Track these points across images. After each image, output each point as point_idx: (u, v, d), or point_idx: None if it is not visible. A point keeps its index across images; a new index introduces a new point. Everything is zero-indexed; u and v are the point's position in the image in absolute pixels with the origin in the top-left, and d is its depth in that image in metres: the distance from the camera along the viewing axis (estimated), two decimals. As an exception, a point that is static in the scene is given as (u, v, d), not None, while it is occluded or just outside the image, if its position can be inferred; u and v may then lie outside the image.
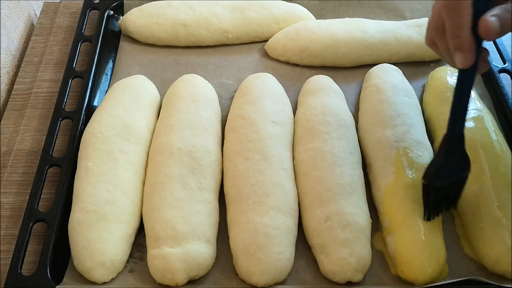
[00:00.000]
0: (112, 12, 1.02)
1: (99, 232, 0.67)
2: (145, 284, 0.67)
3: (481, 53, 0.62)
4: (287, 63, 0.96)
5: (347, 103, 0.87)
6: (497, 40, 0.96)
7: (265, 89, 0.85)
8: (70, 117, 0.83)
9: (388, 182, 0.73)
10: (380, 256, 0.71)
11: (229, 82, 0.93)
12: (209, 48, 0.99)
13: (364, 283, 0.68)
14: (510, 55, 0.94)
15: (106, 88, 0.92)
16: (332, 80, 0.89)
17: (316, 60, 0.94)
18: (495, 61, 0.93)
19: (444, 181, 0.67)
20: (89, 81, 0.88)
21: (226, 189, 0.75)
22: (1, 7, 0.95)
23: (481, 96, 0.87)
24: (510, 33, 1.01)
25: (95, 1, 1.02)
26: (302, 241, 0.71)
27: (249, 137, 0.77)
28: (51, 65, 0.97)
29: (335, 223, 0.69)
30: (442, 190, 0.68)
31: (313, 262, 0.70)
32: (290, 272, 0.68)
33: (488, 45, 0.95)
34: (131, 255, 0.70)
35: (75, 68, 0.91)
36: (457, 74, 0.90)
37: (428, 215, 0.69)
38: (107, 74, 0.94)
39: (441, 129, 0.81)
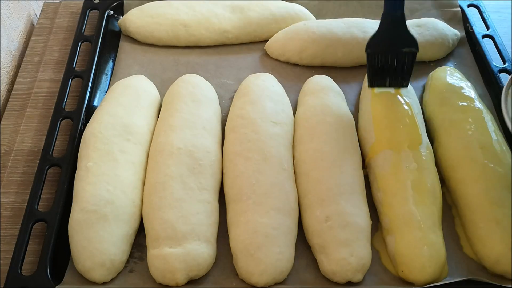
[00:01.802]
0: (112, 12, 1.02)
1: (99, 232, 0.67)
2: (145, 284, 0.67)
3: None
4: (287, 63, 0.96)
5: (347, 103, 0.87)
6: (497, 40, 0.96)
7: (265, 89, 0.85)
8: (70, 117, 0.83)
9: (388, 182, 0.73)
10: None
11: (229, 82, 0.93)
12: (209, 48, 0.99)
13: (364, 283, 0.68)
14: (510, 55, 0.94)
15: (106, 88, 0.92)
16: (332, 80, 0.89)
17: (316, 60, 0.94)
18: (495, 61, 0.93)
19: (379, 50, 0.76)
20: (89, 81, 0.88)
21: (226, 189, 0.75)
22: (1, 7, 0.95)
23: (481, 96, 0.87)
24: (510, 33, 1.02)
25: (95, 1, 1.02)
26: (302, 241, 0.71)
27: (249, 137, 0.77)
28: (51, 65, 0.97)
29: (335, 223, 0.69)
30: (382, 60, 0.76)
31: (313, 262, 0.70)
32: (290, 272, 0.68)
33: (488, 45, 0.96)
34: (131, 255, 0.70)
35: (75, 68, 0.91)
36: (456, 74, 0.91)
37: (370, 81, 0.78)
38: (107, 74, 0.94)
39: (441, 129, 0.81)
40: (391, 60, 0.76)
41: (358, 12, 1.03)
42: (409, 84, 0.88)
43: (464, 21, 1.01)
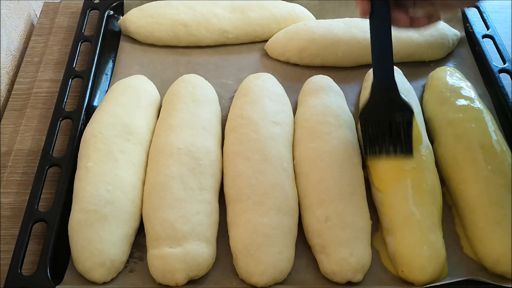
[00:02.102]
0: (112, 12, 1.02)
1: (99, 232, 0.67)
2: (145, 284, 0.67)
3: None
4: (287, 63, 0.96)
5: (347, 103, 0.87)
6: (497, 40, 0.96)
7: (265, 89, 0.85)
8: (70, 117, 0.83)
9: (388, 182, 0.73)
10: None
11: (229, 82, 0.93)
12: (209, 48, 0.99)
13: (364, 283, 0.68)
14: (510, 55, 0.94)
15: (106, 88, 0.92)
16: (332, 80, 0.89)
17: (316, 60, 0.94)
18: (495, 61, 0.93)
19: (371, 119, 0.73)
20: (89, 81, 0.88)
21: (226, 189, 0.75)
22: (1, 7, 0.95)
23: (481, 96, 0.87)
24: (510, 33, 1.02)
25: (95, 1, 1.02)
26: (302, 241, 0.71)
27: (249, 137, 0.77)
28: (51, 65, 0.97)
29: (335, 223, 0.69)
30: (377, 129, 0.72)
31: (313, 262, 0.70)
32: (290, 272, 0.68)
33: (488, 45, 0.96)
34: (131, 255, 0.70)
35: (75, 68, 0.91)
36: (456, 74, 0.91)
37: (367, 150, 0.74)
38: (107, 74, 0.94)
39: (441, 129, 0.81)
40: (387, 128, 0.72)
41: (358, 12, 1.03)
42: (409, 84, 0.88)
43: (464, 21, 1.01)
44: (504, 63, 0.92)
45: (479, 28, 0.99)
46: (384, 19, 0.69)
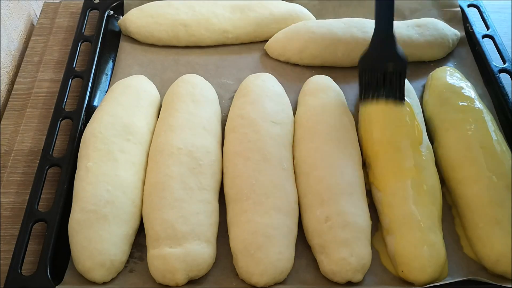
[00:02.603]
0: (112, 12, 1.02)
1: (99, 232, 0.67)
2: (145, 284, 0.67)
3: None
4: (287, 63, 0.96)
5: (347, 103, 0.87)
6: (497, 40, 0.96)
7: (265, 89, 0.85)
8: (70, 117, 0.83)
9: (388, 182, 0.73)
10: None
11: (229, 82, 0.93)
12: (209, 48, 0.99)
13: (364, 283, 0.68)
14: (510, 55, 0.94)
15: (106, 88, 0.92)
16: (332, 80, 0.89)
17: (316, 60, 0.94)
18: (495, 61, 0.93)
19: (369, 66, 0.79)
20: (89, 81, 0.88)
21: (226, 189, 0.75)
22: (1, 7, 0.95)
23: (481, 96, 0.87)
24: (510, 33, 1.02)
25: (95, 1, 1.02)
26: (302, 241, 0.71)
27: (249, 137, 0.77)
28: (51, 65, 0.97)
29: (335, 223, 0.69)
30: (372, 75, 0.79)
31: (313, 262, 0.70)
32: (290, 272, 0.68)
33: (488, 45, 0.96)
34: (131, 255, 0.70)
35: (75, 68, 0.91)
36: (456, 74, 0.91)
37: (361, 94, 0.81)
38: (107, 74, 0.94)
39: (441, 129, 0.81)
40: (381, 76, 0.79)
41: (358, 12, 1.03)
42: (409, 84, 0.88)
43: (464, 21, 1.01)
44: (504, 63, 0.92)
45: (479, 28, 0.99)
46: None
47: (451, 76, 0.88)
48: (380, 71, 0.79)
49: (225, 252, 0.70)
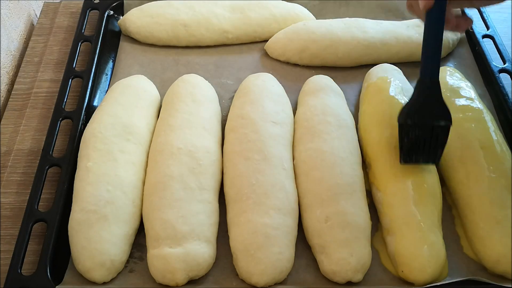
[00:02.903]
0: (112, 12, 1.02)
1: (99, 232, 0.67)
2: (145, 284, 0.67)
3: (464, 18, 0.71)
4: (287, 63, 0.96)
5: (347, 103, 0.87)
6: (497, 40, 0.96)
7: (265, 89, 0.85)
8: (70, 117, 0.83)
9: (388, 182, 0.73)
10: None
11: (229, 82, 0.93)
12: (209, 48, 0.99)
13: (364, 283, 0.68)
14: (510, 55, 0.94)
15: (106, 88, 0.92)
16: (332, 80, 0.89)
17: (316, 60, 0.94)
18: (495, 61, 0.93)
19: (415, 121, 0.69)
20: (89, 81, 0.88)
21: (226, 189, 0.75)
22: (1, 7, 0.95)
23: (481, 96, 0.87)
24: (510, 33, 1.02)
25: (95, 1, 1.02)
26: (302, 241, 0.71)
27: (249, 137, 0.77)
28: (51, 65, 0.97)
29: (335, 223, 0.69)
30: (417, 133, 0.70)
31: (313, 262, 0.70)
32: (290, 272, 0.68)
33: (488, 45, 0.96)
34: (131, 255, 0.70)
35: (75, 68, 0.91)
36: (456, 74, 0.91)
37: (404, 157, 0.71)
38: (107, 74, 0.94)
39: (441, 129, 0.81)
40: (425, 134, 0.70)
41: (358, 12, 1.03)
42: (409, 84, 0.88)
43: (464, 21, 1.01)
44: (504, 63, 0.92)
45: (479, 28, 0.99)
46: (441, 15, 0.67)
47: (451, 76, 0.88)
48: (426, 128, 0.70)
49: (225, 252, 0.70)
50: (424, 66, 0.70)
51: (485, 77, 0.92)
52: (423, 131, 0.70)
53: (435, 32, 0.68)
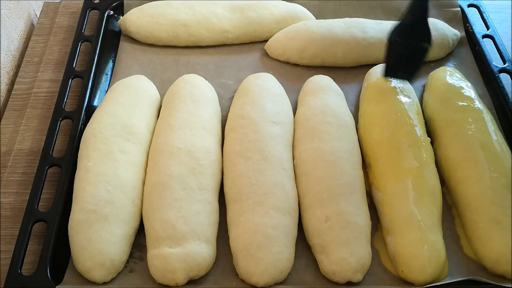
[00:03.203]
0: (112, 12, 1.02)
1: (99, 232, 0.67)
2: (145, 284, 0.67)
3: None
4: (287, 63, 0.96)
5: (347, 103, 0.87)
6: (497, 40, 0.96)
7: (265, 89, 0.85)
8: (70, 117, 0.83)
9: (388, 182, 0.73)
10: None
11: (229, 82, 0.93)
12: (209, 48, 0.99)
13: (364, 283, 0.68)
14: (510, 55, 0.94)
15: (106, 88, 0.92)
16: (332, 80, 0.89)
17: (316, 60, 0.94)
18: (495, 61, 0.93)
19: (403, 40, 0.77)
20: (89, 81, 0.88)
21: (226, 189, 0.75)
22: (1, 7, 0.95)
23: (481, 96, 0.87)
24: (510, 33, 1.02)
25: (95, 1, 1.02)
26: (302, 241, 0.71)
27: (249, 137, 0.77)
28: (51, 65, 0.97)
29: (335, 223, 0.69)
30: (402, 51, 0.77)
31: (313, 262, 0.70)
32: (290, 272, 0.68)
33: (488, 45, 0.96)
34: (131, 255, 0.70)
35: (75, 68, 0.91)
36: (456, 74, 0.91)
37: (386, 71, 0.79)
38: (107, 74, 0.94)
39: (441, 129, 0.81)
40: (408, 51, 0.78)
41: (358, 12, 1.03)
42: (409, 84, 0.88)
43: (464, 21, 1.01)
44: (504, 63, 0.92)
45: (479, 28, 0.99)
46: None
47: (451, 76, 0.88)
48: (411, 49, 0.77)
49: (225, 252, 0.70)
50: None
51: (485, 77, 0.92)
52: (407, 49, 0.77)
53: None
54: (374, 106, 0.83)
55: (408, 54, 0.78)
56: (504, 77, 0.91)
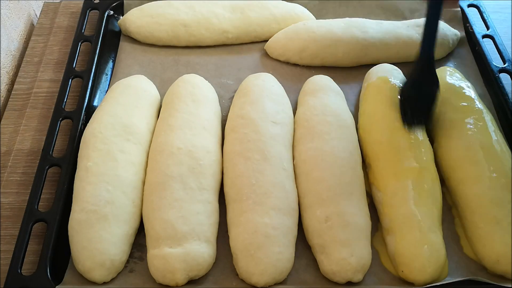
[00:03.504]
0: (112, 12, 1.02)
1: (99, 232, 0.67)
2: (145, 284, 0.67)
3: None
4: (287, 63, 0.96)
5: (347, 103, 0.87)
6: (497, 40, 0.96)
7: (265, 89, 0.85)
8: (70, 117, 0.83)
9: (388, 182, 0.73)
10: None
11: (229, 82, 0.93)
12: (209, 48, 0.99)
13: (364, 283, 0.68)
14: (510, 55, 0.94)
15: (106, 88, 0.92)
16: (332, 80, 0.89)
17: (316, 60, 0.94)
18: (495, 61, 0.93)
19: (416, 94, 0.79)
20: (89, 81, 0.88)
21: (226, 189, 0.75)
22: (1, 7, 0.95)
23: (481, 96, 0.87)
24: (510, 33, 1.02)
25: (95, 1, 1.02)
26: (302, 241, 0.71)
27: (249, 137, 0.77)
28: (51, 65, 0.97)
29: (335, 223, 0.69)
30: (413, 103, 0.79)
31: (313, 262, 0.70)
32: (290, 272, 0.68)
33: (488, 45, 0.96)
34: (131, 255, 0.70)
35: (75, 68, 0.91)
36: (456, 74, 0.91)
37: (409, 125, 0.79)
38: (107, 74, 0.94)
39: (441, 129, 0.81)
40: (418, 102, 0.80)
41: (358, 12, 1.03)
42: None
43: (464, 21, 1.01)
44: (504, 63, 0.92)
45: (479, 28, 0.99)
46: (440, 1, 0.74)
47: (451, 76, 0.88)
48: (422, 96, 0.79)
49: (225, 252, 0.70)
50: (425, 46, 0.77)
51: (485, 77, 0.92)
52: (417, 99, 0.79)
53: (436, 15, 0.75)
54: (374, 106, 0.83)
55: (420, 103, 0.80)
56: (504, 77, 0.91)
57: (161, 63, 0.96)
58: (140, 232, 0.72)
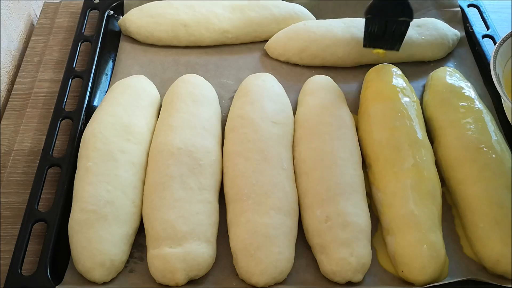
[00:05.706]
0: (112, 12, 1.02)
1: (99, 232, 0.67)
2: (145, 284, 0.67)
3: None
4: (287, 63, 0.96)
5: (347, 103, 0.87)
6: (497, 40, 0.96)
7: (265, 89, 0.85)
8: (70, 117, 0.83)
9: (388, 182, 0.73)
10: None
11: (229, 82, 0.93)
12: (209, 48, 0.99)
13: (364, 283, 0.68)
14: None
15: (106, 88, 0.92)
16: (332, 80, 0.89)
17: (316, 60, 0.94)
18: (495, 61, 0.93)
19: (378, 17, 0.83)
20: (89, 81, 0.88)
21: (226, 189, 0.75)
22: (1, 7, 0.95)
23: (481, 96, 0.87)
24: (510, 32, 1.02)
25: (95, 1, 1.02)
26: (302, 241, 0.71)
27: (249, 137, 0.77)
28: (51, 65, 0.97)
29: (335, 223, 0.69)
30: (379, 26, 0.84)
31: (313, 262, 0.70)
32: (290, 272, 0.68)
33: (488, 45, 0.96)
34: (131, 255, 0.70)
35: (75, 68, 0.91)
36: (456, 74, 0.91)
37: (365, 43, 0.86)
38: (107, 74, 0.94)
39: (441, 129, 0.81)
40: (387, 26, 0.84)
41: (358, 12, 1.03)
42: (409, 84, 0.88)
43: (464, 21, 1.01)
44: (504, 63, 0.92)
45: (479, 28, 0.99)
46: None
47: (451, 76, 0.88)
48: (389, 22, 0.83)
49: (225, 252, 0.70)
50: None
51: (485, 77, 0.92)
52: (384, 24, 0.83)
53: None
54: (374, 106, 0.83)
55: (389, 29, 0.84)
56: (504, 77, 0.91)
57: (161, 63, 0.96)
58: (140, 232, 0.72)
